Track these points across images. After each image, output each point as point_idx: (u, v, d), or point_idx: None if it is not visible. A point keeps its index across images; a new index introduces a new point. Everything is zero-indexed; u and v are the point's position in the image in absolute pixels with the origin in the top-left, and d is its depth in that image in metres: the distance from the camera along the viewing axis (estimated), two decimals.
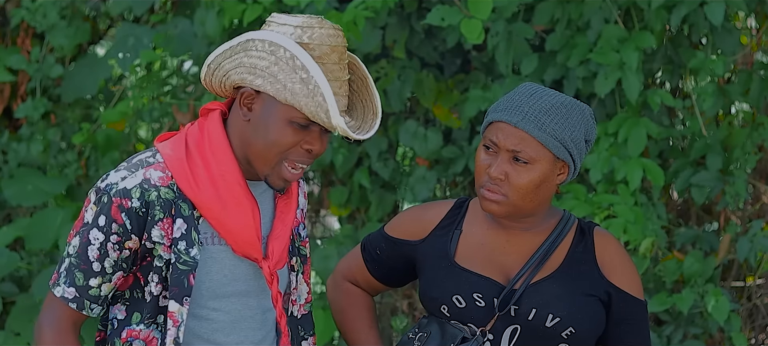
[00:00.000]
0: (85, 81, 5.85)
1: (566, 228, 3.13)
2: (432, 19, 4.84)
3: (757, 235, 4.93)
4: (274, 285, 2.97)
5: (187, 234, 2.91)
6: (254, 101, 2.89)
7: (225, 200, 2.91)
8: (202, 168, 2.92)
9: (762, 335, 5.35)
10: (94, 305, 2.93)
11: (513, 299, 3.05)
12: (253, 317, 3.02)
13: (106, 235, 2.89)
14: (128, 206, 2.87)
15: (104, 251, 2.89)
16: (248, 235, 2.92)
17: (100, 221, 2.89)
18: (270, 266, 2.96)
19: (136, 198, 2.88)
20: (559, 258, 3.11)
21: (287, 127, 2.87)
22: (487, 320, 3.07)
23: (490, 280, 3.08)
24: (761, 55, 5.32)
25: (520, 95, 3.05)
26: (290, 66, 2.83)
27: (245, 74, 2.87)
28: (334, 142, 5.32)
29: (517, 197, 3.02)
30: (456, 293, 3.09)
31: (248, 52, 2.87)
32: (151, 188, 2.89)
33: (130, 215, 2.87)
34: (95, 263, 2.90)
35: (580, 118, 3.04)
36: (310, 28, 2.86)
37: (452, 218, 3.19)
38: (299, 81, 2.82)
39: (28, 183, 5.76)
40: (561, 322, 3.04)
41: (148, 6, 5.76)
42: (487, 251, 3.12)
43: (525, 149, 2.99)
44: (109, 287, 2.93)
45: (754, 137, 5.00)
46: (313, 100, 2.81)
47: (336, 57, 2.87)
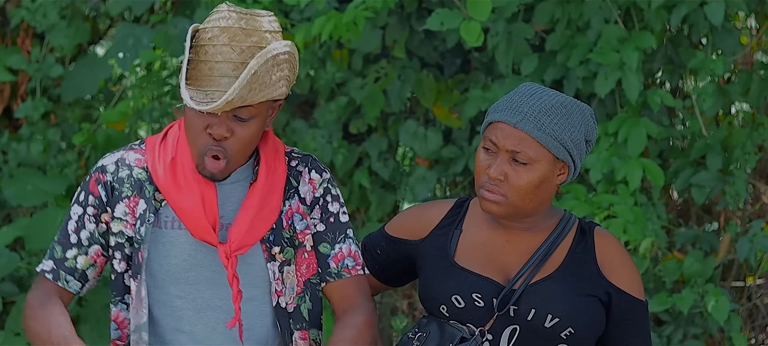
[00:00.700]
0: (85, 81, 5.85)
1: (567, 228, 3.13)
2: (431, 25, 4.84)
3: (757, 235, 4.93)
4: (229, 267, 2.98)
5: (143, 214, 3.01)
6: None
7: (180, 184, 2.98)
8: (169, 152, 3.02)
9: (762, 335, 5.35)
10: (69, 277, 3.03)
11: (512, 299, 3.05)
12: (222, 307, 3.03)
13: (84, 207, 3.03)
14: (104, 179, 3.02)
15: (81, 223, 3.03)
16: (198, 218, 2.97)
17: (81, 196, 3.05)
18: (226, 250, 2.97)
19: (110, 172, 3.03)
20: (559, 258, 3.11)
21: (192, 113, 2.93)
22: (487, 320, 3.07)
23: (489, 280, 3.08)
24: (761, 55, 5.31)
25: (519, 95, 3.04)
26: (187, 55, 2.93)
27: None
28: (334, 142, 5.32)
29: (516, 198, 3.02)
30: (455, 293, 3.08)
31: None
32: (125, 166, 3.03)
33: (106, 188, 3.02)
34: (72, 235, 3.04)
35: (580, 118, 3.04)
36: (214, 12, 2.94)
37: (452, 217, 3.19)
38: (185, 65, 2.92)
39: (28, 183, 5.76)
40: (560, 322, 3.04)
41: (148, 6, 5.76)
42: (487, 251, 3.12)
43: (524, 150, 2.99)
44: (85, 260, 3.03)
45: (754, 137, 5.00)
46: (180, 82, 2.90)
47: (225, 38, 2.90)
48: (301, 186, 3.09)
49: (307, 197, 3.10)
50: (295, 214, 3.08)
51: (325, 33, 4.84)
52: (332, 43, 5.20)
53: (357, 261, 3.12)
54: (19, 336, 5.66)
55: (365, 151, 5.41)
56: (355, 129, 5.38)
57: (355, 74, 5.32)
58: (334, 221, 3.12)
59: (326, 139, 5.33)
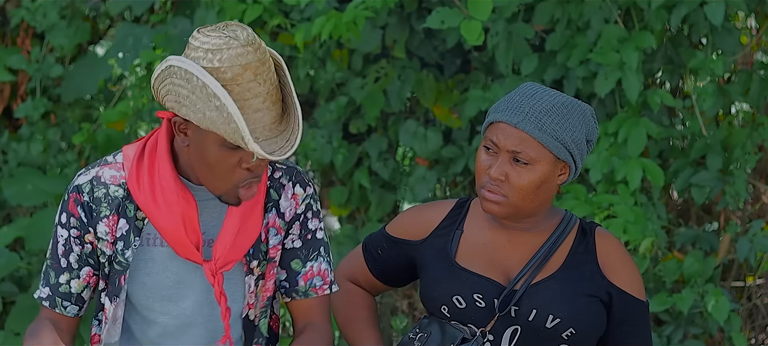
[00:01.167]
0: (85, 81, 5.85)
1: (568, 228, 3.12)
2: (432, 23, 4.84)
3: (757, 235, 4.92)
4: (216, 285, 2.96)
5: (126, 235, 2.96)
6: (188, 128, 2.90)
7: (159, 203, 2.93)
8: (146, 170, 2.96)
9: (762, 335, 5.34)
10: (66, 302, 3.00)
11: (513, 299, 3.05)
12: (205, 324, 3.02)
13: (68, 229, 2.98)
14: (82, 199, 2.96)
15: (68, 246, 2.98)
16: (180, 237, 2.93)
17: (62, 218, 3.00)
18: (212, 268, 2.96)
19: (86, 192, 2.97)
20: (560, 258, 3.10)
21: (220, 150, 2.87)
22: (488, 321, 3.07)
23: (490, 280, 3.08)
24: (761, 55, 5.31)
25: (520, 95, 3.04)
26: (204, 94, 2.80)
27: (173, 102, 2.86)
28: (334, 142, 5.32)
29: (517, 198, 3.01)
30: (456, 293, 3.08)
31: (172, 79, 2.85)
32: (100, 185, 2.97)
33: (84, 209, 2.96)
34: (62, 259, 2.99)
35: (581, 118, 3.03)
36: (219, 50, 2.82)
37: (453, 218, 3.19)
38: (214, 109, 2.80)
39: (28, 183, 5.76)
40: (561, 323, 3.04)
41: (147, 6, 5.76)
42: (488, 251, 3.12)
43: (525, 150, 2.99)
44: (79, 284, 3.00)
45: (754, 137, 5.00)
46: (229, 127, 2.80)
47: (250, 74, 2.83)
48: (283, 200, 3.06)
49: (287, 213, 3.07)
50: (271, 228, 3.06)
51: (325, 33, 4.84)
52: (332, 43, 5.20)
53: (325, 280, 3.11)
54: (19, 336, 5.66)
55: (365, 151, 5.41)
56: (355, 129, 5.38)
57: (355, 74, 5.32)
58: (310, 239, 3.10)
59: (326, 139, 5.33)
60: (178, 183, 2.94)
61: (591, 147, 3.10)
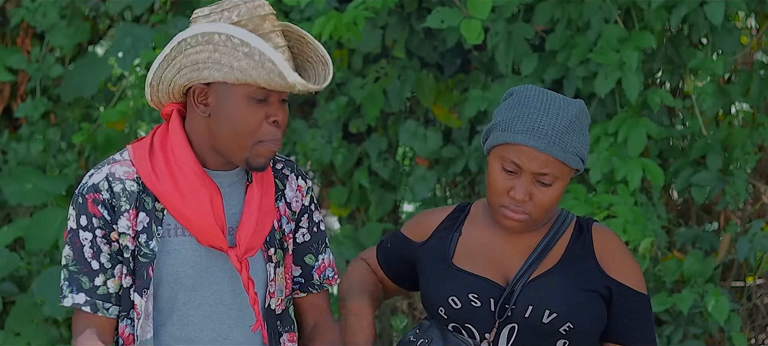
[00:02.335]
0: (84, 81, 5.85)
1: (564, 225, 3.14)
2: (432, 23, 4.84)
3: (757, 235, 4.93)
4: (243, 272, 2.97)
5: (148, 227, 2.95)
6: (208, 95, 2.91)
7: (183, 191, 2.93)
8: (163, 162, 2.96)
9: (762, 335, 5.35)
10: (107, 303, 2.96)
11: (511, 300, 3.06)
12: (228, 313, 3.02)
13: (92, 232, 2.94)
14: (101, 198, 2.93)
15: (96, 248, 2.94)
16: (207, 224, 2.93)
17: (82, 221, 2.95)
18: (238, 254, 2.96)
19: (105, 190, 2.94)
20: (557, 255, 3.11)
21: (247, 106, 2.88)
22: (484, 320, 3.07)
23: (487, 280, 3.09)
24: (761, 55, 5.31)
25: (536, 114, 3.01)
26: (230, 46, 2.84)
27: (190, 73, 2.88)
28: (334, 142, 5.32)
29: (539, 214, 3.04)
30: (452, 294, 3.09)
31: (185, 53, 2.88)
32: (116, 180, 2.95)
33: (106, 206, 2.94)
34: (93, 261, 2.94)
35: (585, 121, 3.06)
36: (235, 7, 2.88)
37: (452, 220, 3.20)
38: (243, 57, 2.83)
39: (28, 182, 5.76)
40: (558, 317, 3.04)
41: (147, 5, 5.76)
42: (486, 252, 3.13)
43: (550, 172, 3.01)
44: (115, 283, 2.96)
45: (754, 137, 5.00)
46: (263, 69, 2.83)
47: (269, 25, 2.89)
48: (288, 191, 3.10)
49: (294, 204, 3.11)
50: (283, 216, 3.08)
51: (325, 33, 4.84)
52: (332, 43, 5.20)
53: (335, 271, 3.19)
54: (19, 336, 5.66)
55: (365, 151, 5.41)
56: (354, 129, 5.38)
57: (355, 74, 5.32)
58: (317, 231, 3.15)
59: (326, 139, 5.33)
60: (201, 169, 2.95)
61: None
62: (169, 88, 2.93)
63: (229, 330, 3.02)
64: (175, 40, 2.89)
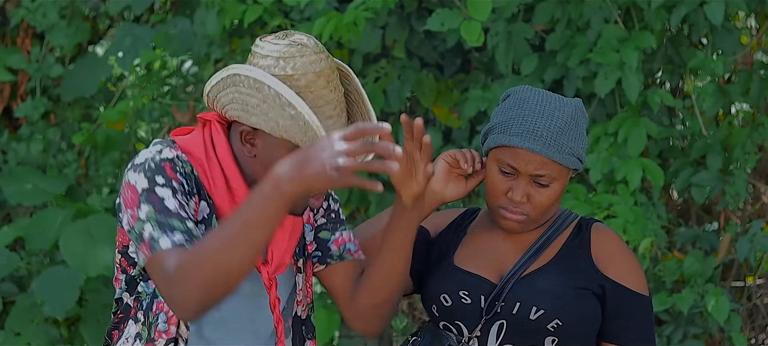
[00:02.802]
0: (84, 80, 5.85)
1: (564, 224, 3.13)
2: (432, 25, 4.84)
3: (757, 235, 4.93)
4: (272, 290, 2.93)
5: (208, 219, 2.87)
6: (255, 137, 2.85)
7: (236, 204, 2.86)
8: (218, 169, 2.89)
9: (762, 335, 5.35)
10: None
11: (501, 298, 3.06)
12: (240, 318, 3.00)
13: (172, 189, 2.80)
14: (178, 168, 2.82)
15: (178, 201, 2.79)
16: None
17: (159, 179, 2.80)
18: (269, 271, 2.93)
19: (180, 165, 2.83)
20: (552, 252, 3.11)
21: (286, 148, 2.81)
22: (474, 317, 3.07)
23: (480, 278, 3.08)
24: (761, 55, 5.32)
25: (531, 116, 3.02)
26: (278, 103, 2.77)
27: (240, 111, 2.82)
28: None
29: (538, 214, 3.05)
30: (444, 292, 3.09)
31: (238, 88, 2.81)
32: (185, 162, 2.85)
33: (185, 176, 2.83)
34: (181, 211, 2.79)
35: (582, 121, 3.06)
36: (292, 58, 2.79)
37: (462, 220, 3.21)
38: (289, 118, 2.76)
39: (28, 182, 5.76)
40: (545, 314, 3.03)
41: (147, 5, 5.76)
42: (484, 250, 3.13)
43: (547, 173, 3.01)
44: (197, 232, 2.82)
45: (754, 137, 5.01)
46: (306, 136, 2.76)
47: (323, 82, 2.80)
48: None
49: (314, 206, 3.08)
50: (306, 224, 3.05)
51: (325, 34, 4.83)
52: (332, 43, 5.20)
53: (358, 246, 3.06)
54: (19, 336, 5.66)
55: None
56: None
57: (355, 74, 5.32)
58: (335, 216, 3.08)
59: None
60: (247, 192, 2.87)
61: None
62: (222, 110, 2.86)
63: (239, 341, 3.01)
64: (231, 70, 2.81)
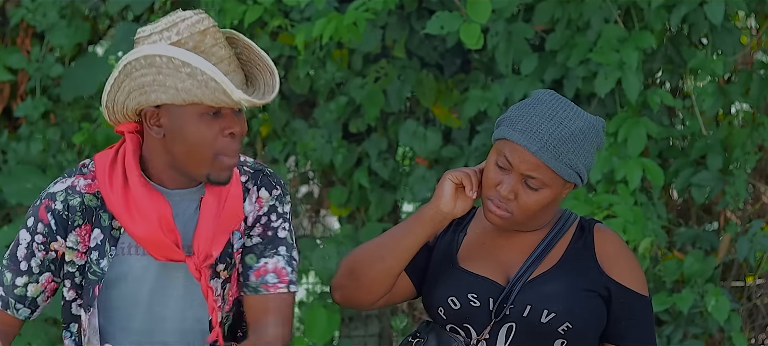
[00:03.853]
0: (84, 80, 5.85)
1: (566, 225, 3.13)
2: (432, 29, 4.84)
3: (757, 235, 4.93)
4: (202, 280, 2.95)
5: (101, 245, 2.95)
6: (160, 116, 2.89)
7: (131, 209, 2.92)
8: (120, 179, 2.94)
9: (762, 335, 5.35)
10: (19, 305, 2.98)
11: (509, 300, 3.05)
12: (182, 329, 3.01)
13: (32, 235, 2.95)
14: (53, 207, 2.94)
15: (30, 251, 2.96)
16: (158, 238, 2.91)
17: (29, 222, 2.98)
18: (196, 263, 2.94)
19: (60, 201, 2.95)
20: (557, 254, 3.11)
21: (200, 122, 2.86)
22: (483, 320, 3.07)
23: (487, 280, 3.08)
24: (761, 55, 5.31)
25: (539, 117, 3.01)
26: (172, 68, 2.81)
27: (139, 97, 2.87)
28: (334, 142, 5.32)
29: (521, 215, 3.03)
30: (452, 294, 3.09)
31: (131, 76, 2.86)
32: (75, 194, 2.95)
33: (55, 216, 2.94)
34: (22, 262, 2.97)
35: (594, 138, 3.03)
36: (174, 25, 2.85)
37: (460, 220, 3.20)
38: (187, 77, 2.81)
39: (28, 181, 5.76)
40: (556, 317, 3.03)
41: (147, 5, 5.76)
42: (487, 251, 3.13)
43: (538, 176, 3.00)
44: (36, 288, 2.98)
45: (754, 137, 5.00)
46: (207, 88, 2.80)
47: (210, 40, 2.85)
48: (247, 205, 3.03)
49: (250, 216, 3.04)
50: (235, 231, 3.02)
51: (325, 35, 4.84)
52: (332, 43, 5.20)
53: (281, 278, 3.00)
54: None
55: (365, 150, 5.41)
56: (354, 129, 5.38)
57: (354, 74, 5.32)
58: (271, 235, 3.03)
59: (326, 138, 5.33)
60: (147, 188, 2.93)
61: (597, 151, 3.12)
62: (122, 110, 2.91)
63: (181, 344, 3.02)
64: (121, 63, 2.88)
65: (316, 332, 5.24)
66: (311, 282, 5.55)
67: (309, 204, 5.87)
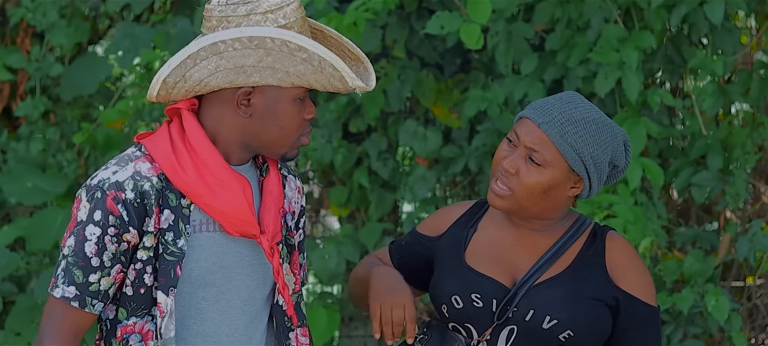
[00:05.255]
0: (84, 80, 5.85)
1: (579, 232, 3.10)
2: (432, 29, 4.84)
3: (757, 235, 4.93)
4: (275, 258, 2.97)
5: (174, 225, 2.92)
6: (252, 96, 2.90)
7: (211, 184, 2.91)
8: (187, 157, 2.93)
9: (762, 335, 5.35)
10: (95, 301, 2.92)
11: (513, 303, 3.04)
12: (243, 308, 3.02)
13: (103, 228, 2.89)
14: (123, 197, 2.88)
15: (102, 245, 2.89)
16: (242, 212, 2.92)
17: (96, 216, 2.89)
18: (268, 238, 2.96)
19: (130, 189, 2.89)
20: (567, 260, 3.08)
21: (294, 106, 2.90)
22: (485, 320, 3.06)
23: (493, 281, 3.07)
24: (761, 55, 5.32)
25: (557, 99, 3.03)
26: (285, 52, 2.84)
27: (233, 76, 2.86)
28: (334, 142, 5.32)
29: (522, 195, 3.01)
30: (455, 293, 3.08)
31: (222, 54, 2.85)
32: (143, 178, 2.90)
33: (127, 207, 2.88)
34: (93, 258, 2.90)
35: (610, 139, 3.01)
36: (280, 8, 2.87)
37: (470, 216, 3.19)
38: (301, 62, 2.84)
39: (28, 180, 5.76)
40: (558, 324, 3.02)
41: (147, 5, 5.76)
42: (497, 251, 3.11)
43: (541, 151, 2.98)
44: (108, 281, 2.92)
45: (754, 137, 5.01)
46: (323, 75, 2.85)
47: (308, 26, 2.92)
48: (287, 190, 3.10)
49: (294, 203, 3.12)
50: (288, 213, 3.09)
51: None
52: None
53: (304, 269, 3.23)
54: (19, 336, 5.66)
55: (365, 150, 5.41)
56: (354, 128, 5.38)
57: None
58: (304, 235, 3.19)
59: (326, 138, 5.33)
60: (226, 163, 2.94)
61: (618, 175, 3.08)
62: (196, 86, 2.90)
63: (245, 327, 3.02)
64: (207, 40, 2.85)
65: (316, 332, 5.24)
66: (311, 282, 5.55)
67: (309, 204, 5.87)
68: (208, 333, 3.00)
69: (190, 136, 2.94)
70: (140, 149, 2.97)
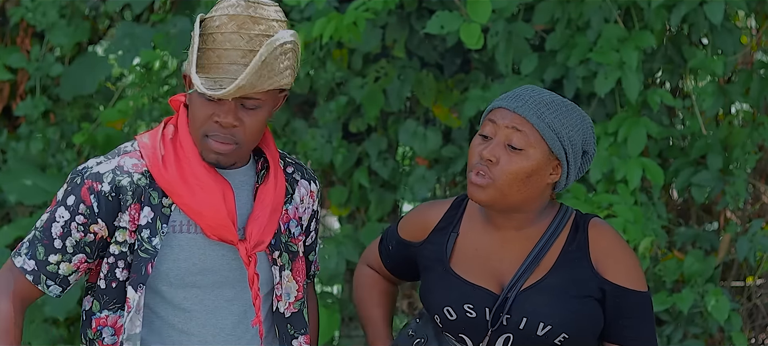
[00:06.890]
0: (84, 79, 5.85)
1: (561, 225, 3.08)
2: (431, 29, 4.83)
3: (757, 234, 4.93)
4: (251, 266, 2.97)
5: (152, 223, 2.94)
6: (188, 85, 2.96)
7: (191, 184, 2.93)
8: (172, 155, 2.95)
9: (762, 335, 5.35)
10: (50, 282, 2.97)
11: (505, 309, 3.04)
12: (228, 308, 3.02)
13: (72, 214, 2.93)
14: (98, 189, 2.92)
15: (67, 230, 2.94)
16: (219, 216, 2.93)
17: (69, 200, 2.95)
18: (247, 247, 2.96)
19: (107, 182, 2.93)
20: (552, 258, 3.06)
21: (199, 101, 2.90)
22: (479, 330, 3.06)
23: (482, 289, 3.06)
24: (761, 55, 5.32)
25: (524, 89, 3.05)
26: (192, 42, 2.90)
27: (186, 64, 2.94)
28: (334, 141, 5.32)
29: (504, 183, 2.98)
30: (447, 305, 3.07)
31: None
32: (123, 174, 2.93)
33: (100, 199, 2.92)
34: (57, 240, 2.94)
35: (580, 121, 3.03)
36: (220, 3, 2.92)
37: (450, 219, 3.17)
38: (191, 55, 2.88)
39: (28, 179, 5.76)
40: (552, 330, 3.01)
41: (147, 4, 5.76)
42: (482, 256, 3.09)
43: (522, 130, 2.97)
44: (68, 267, 2.96)
45: (754, 137, 5.01)
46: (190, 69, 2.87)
47: (234, 26, 2.87)
48: (296, 195, 3.10)
49: (306, 208, 3.12)
50: (292, 220, 3.09)
51: (325, 35, 4.83)
52: (332, 43, 5.20)
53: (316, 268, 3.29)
54: None
55: (365, 150, 5.41)
56: (354, 128, 5.38)
57: (354, 74, 5.32)
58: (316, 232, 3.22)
59: (326, 138, 5.33)
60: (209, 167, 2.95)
61: (588, 162, 3.08)
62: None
63: (232, 328, 3.03)
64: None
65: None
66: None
67: None
68: (192, 332, 3.01)
69: (180, 132, 2.97)
70: (133, 145, 3.00)
